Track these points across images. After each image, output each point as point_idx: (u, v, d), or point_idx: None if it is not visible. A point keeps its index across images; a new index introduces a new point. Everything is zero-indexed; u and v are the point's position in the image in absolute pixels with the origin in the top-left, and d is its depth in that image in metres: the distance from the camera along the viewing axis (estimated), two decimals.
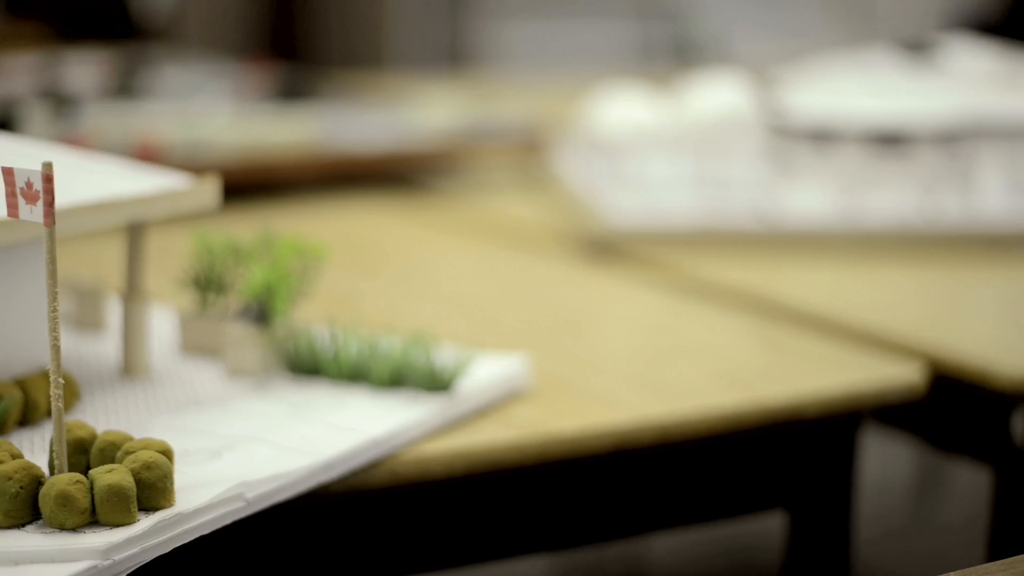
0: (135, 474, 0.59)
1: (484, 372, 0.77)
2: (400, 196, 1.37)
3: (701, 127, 1.16)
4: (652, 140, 1.17)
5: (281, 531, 0.70)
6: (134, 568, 0.58)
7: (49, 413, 0.71)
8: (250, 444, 0.67)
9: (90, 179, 0.74)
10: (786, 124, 1.18)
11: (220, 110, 1.41)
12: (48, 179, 0.59)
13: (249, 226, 0.84)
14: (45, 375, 0.71)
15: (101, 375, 0.77)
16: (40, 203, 0.60)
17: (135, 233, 0.77)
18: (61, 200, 0.69)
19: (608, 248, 1.15)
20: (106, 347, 0.82)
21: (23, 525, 0.58)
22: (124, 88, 1.51)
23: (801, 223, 1.14)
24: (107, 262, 0.84)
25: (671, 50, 3.40)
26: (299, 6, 3.33)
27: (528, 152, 1.43)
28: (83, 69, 1.55)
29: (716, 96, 1.18)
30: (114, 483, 0.58)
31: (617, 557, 1.37)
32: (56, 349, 0.59)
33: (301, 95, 1.53)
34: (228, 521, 0.62)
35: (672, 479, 0.82)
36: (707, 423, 0.78)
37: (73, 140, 1.17)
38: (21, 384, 0.69)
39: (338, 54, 3.20)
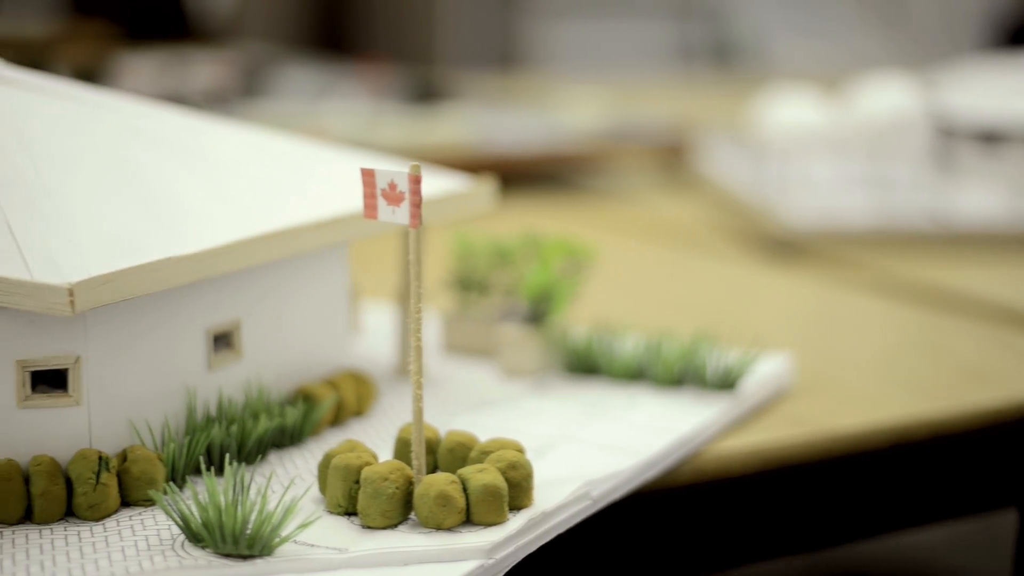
0: (502, 473, 0.60)
1: (758, 371, 0.78)
2: (555, 196, 1.38)
3: (870, 129, 1.17)
4: (821, 142, 1.18)
5: (607, 529, 0.70)
6: (510, 567, 0.58)
7: (356, 413, 0.71)
8: (566, 443, 0.68)
9: None
10: (953, 126, 1.20)
11: (356, 111, 1.41)
12: (416, 180, 0.60)
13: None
14: (350, 375, 0.72)
15: (378, 377, 0.77)
16: (405, 204, 0.60)
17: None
18: (352, 204, 0.70)
19: (785, 247, 1.15)
20: (369, 348, 0.82)
21: (395, 525, 0.59)
22: (249, 88, 1.51)
23: (973, 223, 1.15)
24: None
25: (710, 51, 3.41)
26: (348, 5, 3.33)
27: (671, 153, 1.44)
28: (205, 69, 1.55)
29: (884, 98, 1.19)
30: (489, 483, 0.59)
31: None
32: (419, 351, 0.60)
33: (434, 96, 1.53)
34: (578, 520, 0.62)
35: (935, 474, 0.82)
36: (972, 420, 0.79)
37: None
38: (333, 385, 0.70)
39: (386, 52, 3.20)
